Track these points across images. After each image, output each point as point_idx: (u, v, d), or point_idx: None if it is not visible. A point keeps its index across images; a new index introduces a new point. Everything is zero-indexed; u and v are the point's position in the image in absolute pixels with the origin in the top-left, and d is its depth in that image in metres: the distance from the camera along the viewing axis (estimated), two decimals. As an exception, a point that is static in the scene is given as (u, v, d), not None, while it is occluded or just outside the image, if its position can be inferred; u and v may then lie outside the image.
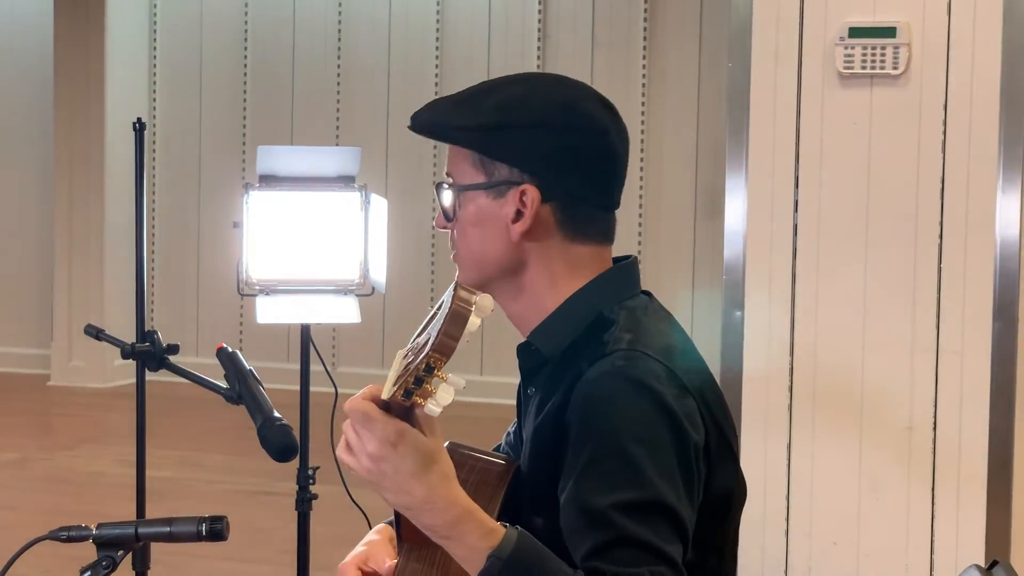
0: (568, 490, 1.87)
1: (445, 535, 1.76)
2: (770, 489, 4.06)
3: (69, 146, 9.79)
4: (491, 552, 1.74)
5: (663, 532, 1.82)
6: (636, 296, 2.10)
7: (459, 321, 1.65)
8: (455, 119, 2.04)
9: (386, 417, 1.71)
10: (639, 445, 1.86)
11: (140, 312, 3.61)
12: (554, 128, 2.04)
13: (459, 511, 1.75)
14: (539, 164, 2.03)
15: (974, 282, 3.91)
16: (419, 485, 1.72)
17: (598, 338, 1.99)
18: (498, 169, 2.02)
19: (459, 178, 2.04)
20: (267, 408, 2.85)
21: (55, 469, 7.39)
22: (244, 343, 9.56)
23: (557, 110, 2.06)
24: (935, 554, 3.95)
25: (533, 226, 2.02)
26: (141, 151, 3.61)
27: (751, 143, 4.08)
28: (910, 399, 3.97)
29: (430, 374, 1.64)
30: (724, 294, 4.14)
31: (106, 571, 2.08)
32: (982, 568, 2.04)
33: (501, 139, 2.02)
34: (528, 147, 2.03)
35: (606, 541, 1.80)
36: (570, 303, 2.05)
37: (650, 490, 1.83)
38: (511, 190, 2.02)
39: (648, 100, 9.11)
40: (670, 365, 1.94)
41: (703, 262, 9.02)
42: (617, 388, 1.90)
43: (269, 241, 4.04)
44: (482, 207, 2.03)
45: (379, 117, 9.64)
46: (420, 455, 1.72)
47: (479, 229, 2.03)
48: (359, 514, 3.92)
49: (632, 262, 2.15)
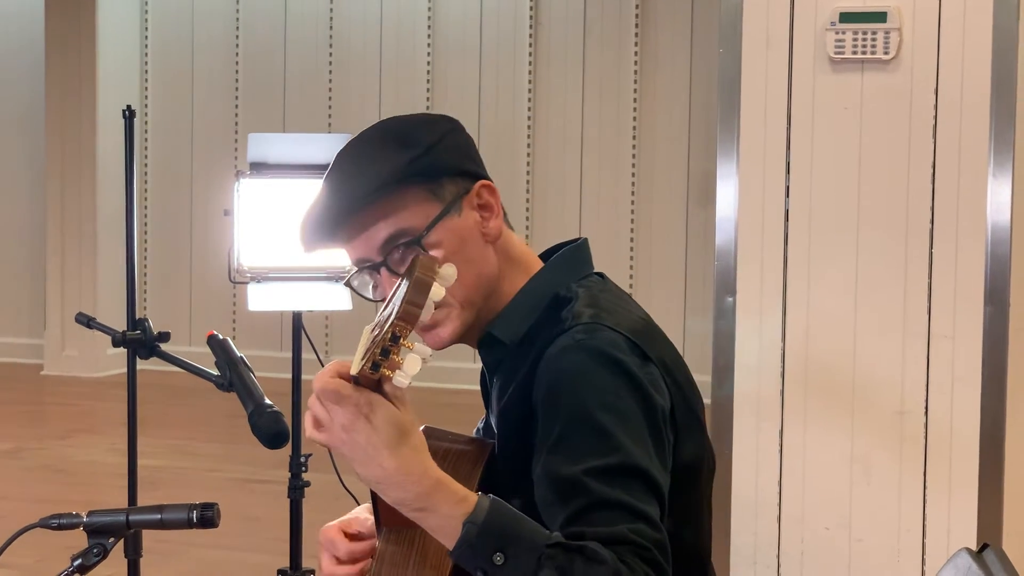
0: (540, 464, 1.88)
1: (419, 507, 1.74)
2: (762, 474, 4.07)
3: (61, 135, 9.78)
4: (466, 519, 1.73)
5: (637, 493, 1.83)
6: (590, 276, 2.12)
7: (422, 289, 1.64)
8: (389, 166, 1.97)
9: (359, 390, 1.70)
10: (607, 413, 1.86)
11: (131, 300, 3.61)
12: (455, 130, 2.07)
13: (431, 482, 1.74)
14: (470, 163, 2.06)
15: (965, 267, 3.91)
16: (391, 456, 1.71)
17: (556, 316, 2.00)
18: (446, 188, 2.01)
19: (416, 223, 1.99)
20: (258, 395, 2.85)
21: (48, 458, 7.39)
22: (236, 331, 9.56)
23: (441, 118, 2.09)
24: (927, 538, 3.97)
25: (496, 222, 2.06)
26: (131, 138, 3.60)
27: (742, 129, 4.08)
28: (901, 384, 3.97)
29: (396, 343, 1.63)
30: (715, 280, 4.14)
31: (97, 558, 2.08)
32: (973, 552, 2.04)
33: (436, 158, 2.01)
34: (456, 153, 2.05)
35: (582, 506, 1.81)
36: (527, 289, 2.07)
37: (621, 454, 1.84)
38: (464, 199, 2.03)
39: (640, 87, 9.11)
40: (629, 335, 1.95)
41: (695, 248, 9.03)
42: (579, 360, 1.91)
43: (260, 229, 4.04)
44: (454, 229, 2.01)
45: (371, 104, 9.63)
46: (391, 426, 1.71)
47: (464, 251, 2.01)
48: (351, 501, 3.92)
49: (583, 243, 2.16)
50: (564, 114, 9.29)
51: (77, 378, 9.66)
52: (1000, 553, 2.02)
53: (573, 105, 9.26)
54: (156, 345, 3.40)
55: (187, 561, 5.40)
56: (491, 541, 1.73)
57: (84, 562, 2.08)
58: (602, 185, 9.01)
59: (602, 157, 9.08)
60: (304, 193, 4.05)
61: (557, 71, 9.34)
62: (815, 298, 4.03)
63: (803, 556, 4.07)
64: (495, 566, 1.73)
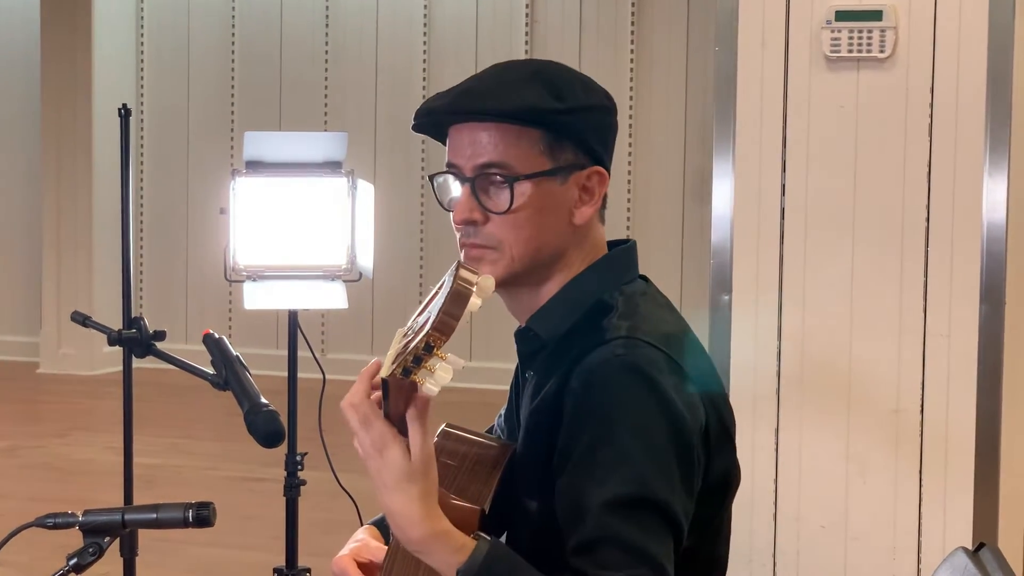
0: (562, 478, 1.87)
1: (416, 549, 1.80)
2: (758, 473, 4.07)
3: (57, 133, 9.77)
4: (459, 568, 1.77)
5: (651, 530, 1.82)
6: (634, 281, 2.09)
7: (460, 301, 1.64)
8: (536, 101, 1.97)
9: (380, 420, 1.76)
10: (634, 436, 1.85)
11: (127, 299, 3.61)
12: (609, 109, 2.07)
13: (427, 530, 1.78)
14: (599, 145, 2.05)
15: (961, 265, 3.91)
16: (392, 497, 1.77)
17: (597, 324, 1.98)
18: (564, 152, 2.00)
19: (519, 166, 1.98)
20: (254, 394, 2.85)
21: (44, 456, 7.39)
22: (232, 330, 9.56)
23: (604, 93, 2.08)
24: (922, 536, 3.97)
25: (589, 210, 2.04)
26: (127, 137, 3.60)
27: (738, 127, 4.08)
28: (897, 382, 3.97)
29: (429, 353, 1.63)
30: (711, 277, 4.14)
31: (92, 557, 2.08)
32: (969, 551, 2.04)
33: (580, 120, 2.01)
34: (597, 127, 2.04)
35: (591, 539, 1.81)
36: (570, 287, 2.04)
37: (641, 486, 1.82)
38: (574, 174, 2.01)
39: (636, 85, 9.11)
40: (669, 352, 1.93)
41: (690, 246, 9.03)
42: (615, 376, 1.88)
43: (256, 227, 4.04)
44: (549, 193, 2.00)
45: (367, 103, 9.62)
46: (397, 471, 1.76)
47: (543, 217, 1.99)
48: (347, 500, 3.92)
49: (631, 246, 2.13)
50: (560, 112, 9.27)
51: (73, 376, 9.65)
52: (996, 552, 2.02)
53: (569, 103, 9.24)
54: (152, 344, 3.39)
55: (183, 560, 5.40)
56: None
57: (80, 561, 2.08)
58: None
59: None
60: (300, 191, 4.05)
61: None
62: (811, 296, 4.03)
63: (799, 554, 4.07)
64: None
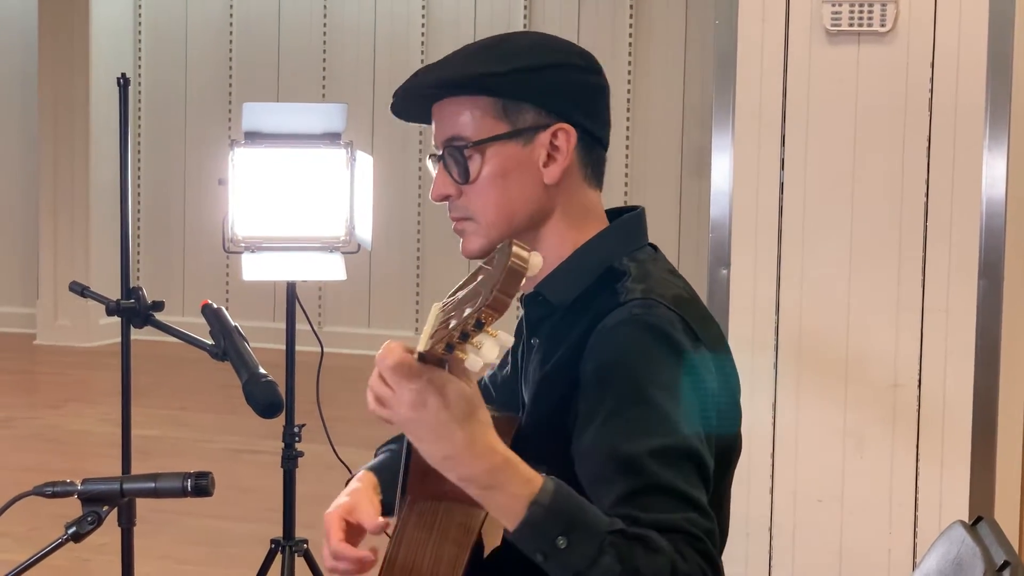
0: (590, 438, 1.86)
1: (486, 484, 1.71)
2: (755, 447, 4.07)
3: (54, 103, 9.74)
4: (532, 499, 1.70)
5: (691, 478, 1.82)
6: (644, 248, 2.11)
7: (516, 279, 1.61)
8: (478, 68, 1.99)
9: (427, 367, 1.66)
10: (662, 391, 1.85)
11: (125, 269, 3.60)
12: (576, 67, 2.06)
13: (500, 459, 1.71)
14: (566, 103, 2.03)
15: (960, 240, 3.91)
16: (461, 431, 1.67)
17: (611, 288, 1.99)
18: (523, 114, 2.01)
19: (476, 134, 2.00)
20: (252, 364, 2.85)
21: (41, 428, 7.39)
22: (230, 302, 9.55)
23: (577, 51, 2.09)
24: (919, 511, 3.97)
25: (557, 168, 2.03)
26: (125, 107, 3.59)
27: (737, 101, 4.07)
28: (895, 357, 3.97)
29: (479, 329, 1.60)
30: (710, 252, 4.14)
31: (91, 526, 2.08)
32: (967, 524, 2.04)
33: (530, 80, 2.01)
34: (556, 86, 2.03)
35: (637, 488, 1.79)
36: (581, 253, 2.05)
37: (677, 436, 1.83)
38: (539, 133, 2.01)
39: (635, 58, 9.09)
40: (683, 315, 1.95)
41: (689, 220, 9.02)
42: (636, 335, 1.89)
43: (255, 198, 4.03)
44: (511, 156, 2.01)
45: (365, 74, 9.61)
46: (463, 401, 1.67)
47: (508, 180, 2.01)
48: (345, 472, 3.91)
49: (640, 213, 2.15)
50: (559, 86, 9.26)
51: (70, 348, 9.65)
52: (994, 525, 2.02)
53: (568, 77, 9.23)
54: (150, 314, 3.39)
55: (180, 530, 5.41)
56: (556, 525, 1.71)
57: (78, 530, 2.08)
58: (596, 157, 8.98)
59: (596, 129, 9.06)
60: (299, 162, 4.04)
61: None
62: (809, 271, 4.03)
63: (795, 529, 4.08)
64: (557, 550, 1.71)
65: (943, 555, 2.03)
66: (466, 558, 1.85)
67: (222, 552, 5.25)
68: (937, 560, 2.05)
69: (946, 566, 2.00)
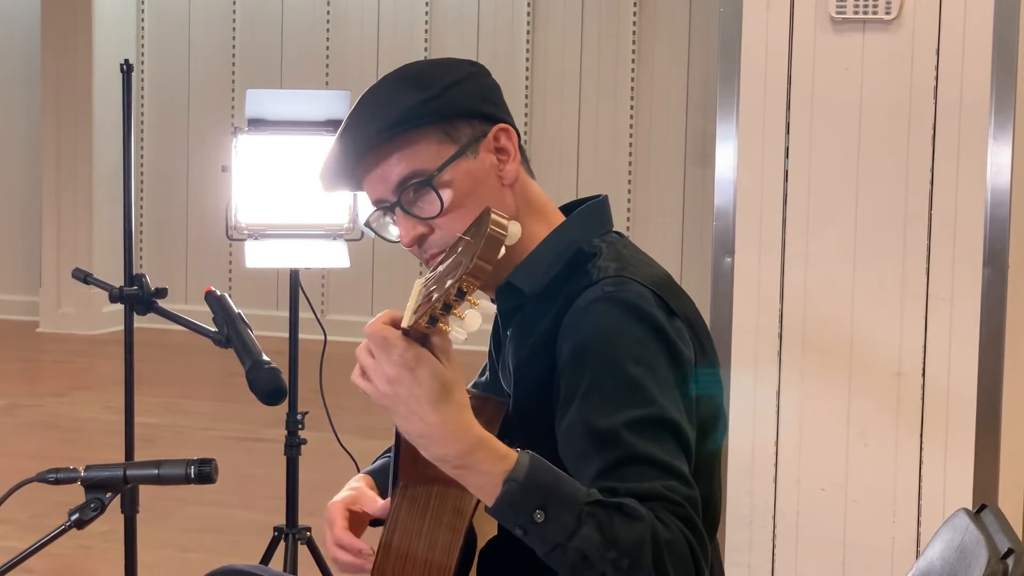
0: (569, 416, 1.88)
1: (459, 464, 1.73)
2: (759, 435, 4.07)
3: (57, 90, 9.74)
4: (507, 476, 1.72)
5: (670, 447, 1.84)
6: (610, 233, 2.13)
7: (495, 246, 1.63)
8: (408, 101, 2.00)
9: (406, 341, 1.68)
10: (638, 365, 1.87)
11: (128, 255, 3.60)
12: (475, 75, 2.09)
13: (473, 439, 1.73)
14: (489, 107, 2.07)
15: (964, 228, 3.90)
16: (433, 411, 1.69)
17: (582, 269, 2.01)
18: (461, 130, 2.03)
19: (430, 164, 2.01)
20: (255, 351, 2.85)
21: (44, 415, 7.40)
22: (234, 289, 9.55)
23: (466, 62, 2.12)
24: (923, 499, 3.97)
25: (513, 166, 2.06)
26: (129, 93, 3.58)
27: (742, 89, 4.06)
28: (899, 345, 3.97)
29: (461, 299, 1.61)
30: (714, 240, 4.13)
31: (94, 513, 2.08)
32: (971, 512, 2.04)
33: (451, 101, 2.03)
34: (477, 94, 2.06)
35: (616, 460, 1.81)
36: (550, 240, 2.08)
37: (654, 407, 1.85)
38: (480, 142, 2.04)
39: (639, 46, 9.08)
40: (656, 290, 1.97)
41: (693, 208, 9.02)
42: (610, 312, 1.91)
43: (258, 185, 4.03)
44: (470, 172, 2.03)
45: (369, 60, 9.60)
46: (437, 381, 1.69)
47: (477, 195, 2.02)
48: (348, 460, 3.92)
49: (604, 199, 2.18)
50: (562, 73, 9.26)
51: (73, 335, 9.66)
52: (998, 513, 2.02)
53: (571, 64, 9.23)
54: (153, 301, 3.38)
55: (183, 519, 5.41)
56: (532, 499, 1.72)
57: (81, 516, 2.08)
58: (600, 145, 8.99)
59: (600, 117, 9.06)
60: (302, 149, 4.03)
61: (555, 30, 9.31)
62: (813, 259, 4.03)
63: (799, 517, 4.07)
64: (536, 523, 1.72)
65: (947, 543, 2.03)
66: (460, 542, 1.86)
67: (225, 540, 5.26)
68: (941, 548, 2.04)
69: (950, 554, 2.00)
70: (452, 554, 1.86)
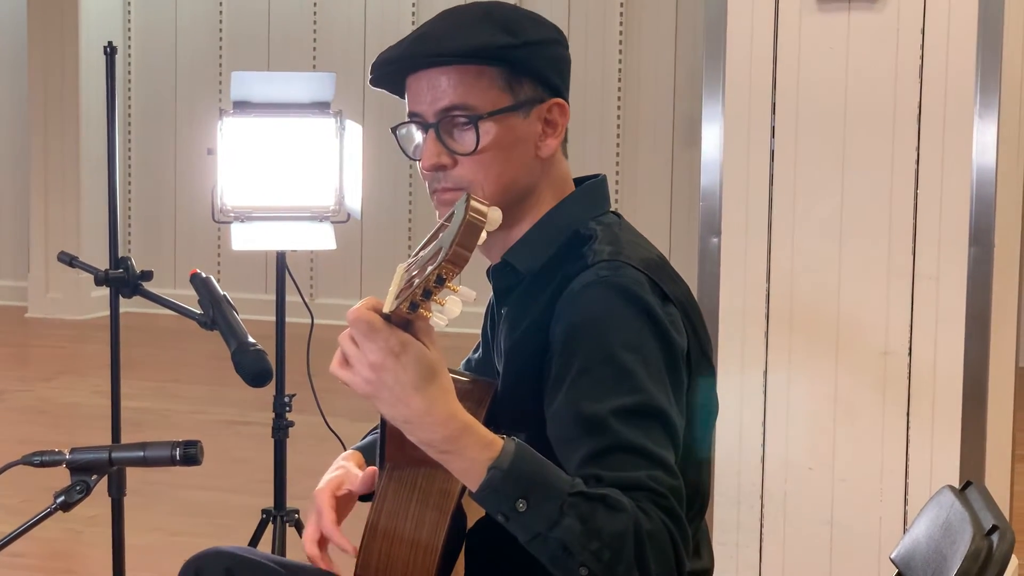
0: (558, 400, 1.88)
1: (444, 449, 1.73)
2: (746, 415, 4.08)
3: (43, 74, 9.71)
4: (491, 464, 1.72)
5: (656, 437, 1.84)
6: (607, 214, 2.13)
7: (474, 232, 1.63)
8: (488, 38, 2.00)
9: (390, 327, 1.67)
10: (629, 352, 1.87)
11: (113, 238, 3.59)
12: (558, 42, 2.10)
13: (458, 425, 1.72)
14: (558, 78, 2.08)
15: (950, 208, 3.91)
16: (419, 397, 1.69)
17: (577, 252, 2.01)
18: (524, 87, 2.03)
19: (481, 105, 2.01)
20: (241, 333, 2.85)
21: (32, 400, 7.39)
22: (222, 273, 9.55)
23: (554, 27, 2.12)
24: (909, 478, 3.98)
25: (553, 142, 2.06)
26: (112, 75, 3.57)
27: (728, 69, 4.06)
28: (886, 324, 3.98)
29: (441, 285, 1.61)
30: (701, 221, 4.14)
31: (80, 495, 2.08)
32: (956, 489, 2.05)
33: (535, 54, 2.04)
34: (553, 61, 2.07)
35: (602, 447, 1.81)
36: (546, 220, 2.08)
37: (643, 395, 1.85)
38: (535, 107, 2.04)
39: (626, 28, 9.07)
40: (651, 275, 1.96)
41: (680, 189, 9.02)
42: (603, 297, 1.91)
43: (244, 168, 4.02)
44: (513, 128, 2.03)
45: (356, 42, 9.58)
46: (422, 367, 1.68)
47: (510, 153, 2.03)
48: (336, 443, 3.93)
49: (603, 180, 2.17)
50: (549, 55, 9.24)
51: (61, 320, 9.64)
52: (983, 489, 2.03)
53: (558, 46, 9.21)
54: (139, 284, 3.38)
55: (171, 502, 5.41)
56: (515, 487, 1.73)
57: (67, 499, 2.08)
58: (587, 127, 8.98)
59: (587, 99, 9.05)
60: (288, 131, 4.03)
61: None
62: (800, 239, 4.03)
63: (786, 496, 4.08)
64: (518, 512, 1.73)
65: (932, 519, 2.04)
66: (447, 522, 1.86)
67: (214, 523, 5.26)
68: (927, 524, 2.05)
69: (935, 530, 2.01)
70: (439, 534, 1.86)
